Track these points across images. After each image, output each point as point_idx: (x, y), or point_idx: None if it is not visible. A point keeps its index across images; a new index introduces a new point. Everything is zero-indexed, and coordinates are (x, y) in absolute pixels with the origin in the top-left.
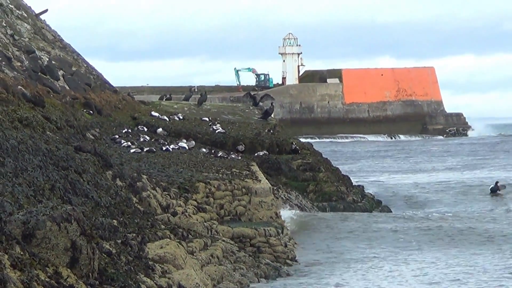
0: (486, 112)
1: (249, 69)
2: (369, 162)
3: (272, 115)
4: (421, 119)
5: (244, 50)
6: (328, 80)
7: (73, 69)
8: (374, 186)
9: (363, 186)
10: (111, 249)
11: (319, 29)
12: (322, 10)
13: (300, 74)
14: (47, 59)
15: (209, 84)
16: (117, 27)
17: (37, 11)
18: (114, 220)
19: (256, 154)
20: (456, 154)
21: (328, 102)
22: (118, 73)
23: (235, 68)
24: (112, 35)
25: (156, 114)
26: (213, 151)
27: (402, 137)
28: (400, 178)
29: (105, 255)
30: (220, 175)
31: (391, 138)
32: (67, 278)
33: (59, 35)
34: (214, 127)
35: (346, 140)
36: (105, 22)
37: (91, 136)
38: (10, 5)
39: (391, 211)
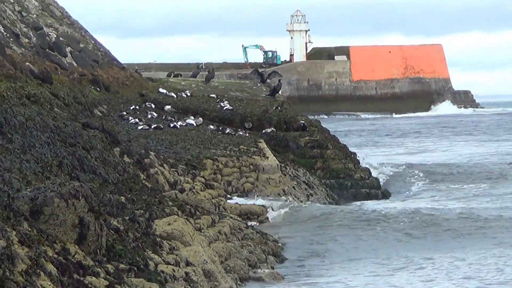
0: (494, 89)
1: (256, 46)
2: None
3: (280, 92)
4: (428, 96)
5: (252, 27)
6: (336, 57)
7: (81, 45)
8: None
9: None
10: (118, 225)
11: (327, 6)
12: None
13: (307, 51)
14: (55, 36)
15: (217, 61)
16: (127, 4)
17: None
18: (121, 197)
19: (263, 131)
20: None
21: (336, 79)
22: (127, 50)
23: (242, 45)
24: (121, 12)
25: (164, 91)
26: (220, 128)
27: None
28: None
29: (113, 232)
30: (228, 152)
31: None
32: (75, 254)
33: (66, 12)
34: (221, 104)
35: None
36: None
37: (98, 113)
38: None
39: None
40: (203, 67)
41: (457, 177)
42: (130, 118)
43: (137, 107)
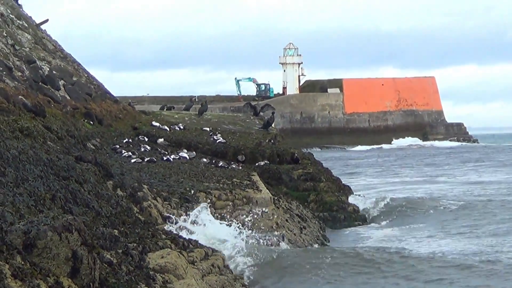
0: (487, 122)
1: (249, 79)
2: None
3: (273, 125)
4: (421, 128)
5: (246, 60)
6: (329, 90)
7: (74, 79)
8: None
9: (363, 196)
10: (112, 259)
11: (320, 39)
12: (324, 20)
13: (300, 84)
14: (48, 69)
15: (210, 94)
16: (121, 36)
17: (38, 21)
18: (115, 230)
19: (257, 164)
20: None
21: (329, 112)
22: (120, 83)
23: (235, 78)
24: (116, 44)
25: (157, 124)
26: (213, 161)
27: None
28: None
29: (106, 265)
30: (221, 185)
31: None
32: (68, 287)
33: (59, 45)
34: (214, 137)
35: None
36: (110, 31)
37: (91, 146)
38: (11, 15)
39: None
40: (196, 100)
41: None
42: (123, 151)
43: (130, 140)
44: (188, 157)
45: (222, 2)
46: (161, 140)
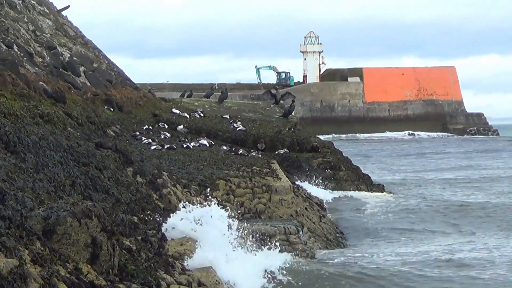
0: (509, 112)
1: (270, 67)
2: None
3: (293, 113)
4: (441, 118)
5: (267, 48)
6: (349, 79)
7: (95, 65)
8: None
9: (383, 185)
10: (131, 245)
11: (341, 28)
12: (345, 9)
13: (321, 73)
14: (69, 55)
15: (230, 82)
16: (145, 24)
17: (59, 7)
18: (134, 217)
19: (276, 152)
20: None
21: (349, 100)
22: (142, 70)
23: (256, 66)
24: (140, 32)
25: (177, 111)
26: (233, 149)
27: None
28: None
29: (125, 252)
30: (241, 173)
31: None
32: (87, 274)
33: (80, 32)
34: (235, 124)
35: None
36: (134, 19)
37: (112, 133)
38: (32, 1)
39: None
40: (216, 87)
41: None
42: (143, 138)
43: (150, 127)
44: (208, 145)
45: None
46: (180, 127)
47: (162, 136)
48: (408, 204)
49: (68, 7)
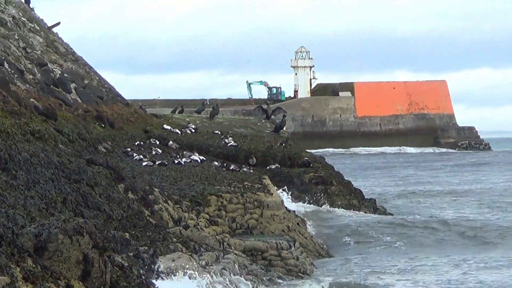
0: (500, 126)
1: (261, 82)
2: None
3: (284, 129)
4: (433, 132)
5: (258, 63)
6: (340, 94)
7: (85, 82)
8: None
9: (375, 200)
10: (123, 262)
11: (332, 42)
12: (336, 23)
13: (312, 87)
14: (59, 72)
15: (222, 97)
16: (137, 39)
17: (49, 24)
18: (126, 233)
19: (268, 168)
20: None
21: (340, 115)
22: (133, 86)
23: (247, 81)
24: (132, 47)
25: (168, 127)
26: (225, 164)
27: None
28: None
29: (117, 268)
30: (232, 188)
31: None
32: None
33: (71, 48)
34: (226, 140)
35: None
36: (126, 35)
37: (103, 149)
38: (22, 18)
39: None
40: (208, 103)
41: None
42: (135, 154)
43: (142, 143)
44: (199, 160)
45: (237, 7)
46: (171, 142)
47: (154, 152)
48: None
49: (58, 23)
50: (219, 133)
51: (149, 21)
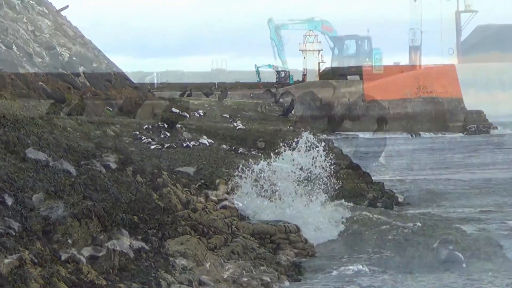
0: (509, 109)
1: (269, 66)
2: None
3: (292, 112)
4: (441, 116)
5: (268, 47)
6: (349, 77)
7: (94, 65)
8: None
9: (383, 183)
10: (131, 245)
11: (340, 26)
12: (346, 7)
13: (320, 71)
14: (68, 55)
15: (229, 81)
16: (147, 24)
17: (58, 7)
18: (134, 216)
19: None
20: None
21: (349, 99)
22: (143, 70)
23: (255, 65)
24: (143, 32)
25: (177, 111)
26: (233, 147)
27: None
28: None
29: (125, 251)
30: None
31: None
32: (87, 274)
33: (79, 31)
34: (234, 123)
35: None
36: (136, 19)
37: (111, 132)
38: (31, 1)
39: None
40: (216, 87)
41: None
42: (143, 137)
43: (150, 127)
44: (207, 143)
45: None
46: (180, 126)
47: (162, 135)
48: None
49: (67, 7)
50: (228, 116)
51: (160, 7)
